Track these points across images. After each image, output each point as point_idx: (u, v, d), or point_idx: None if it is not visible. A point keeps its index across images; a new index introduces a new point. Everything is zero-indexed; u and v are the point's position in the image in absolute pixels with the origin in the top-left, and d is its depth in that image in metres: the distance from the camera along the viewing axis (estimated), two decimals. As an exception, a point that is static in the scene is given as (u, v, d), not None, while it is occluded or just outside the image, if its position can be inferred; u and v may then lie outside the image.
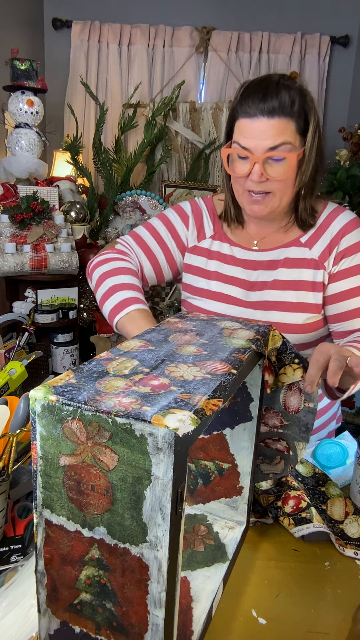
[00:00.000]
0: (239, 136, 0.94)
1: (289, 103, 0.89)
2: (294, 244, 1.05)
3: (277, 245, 1.06)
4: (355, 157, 2.62)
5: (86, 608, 0.52)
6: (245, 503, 0.84)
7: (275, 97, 0.89)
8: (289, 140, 0.91)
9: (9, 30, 2.75)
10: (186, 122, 3.17)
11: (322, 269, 1.02)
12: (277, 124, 0.89)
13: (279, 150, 0.91)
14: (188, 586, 0.70)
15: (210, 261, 1.11)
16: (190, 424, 0.43)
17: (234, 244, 1.10)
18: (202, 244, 1.13)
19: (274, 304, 1.04)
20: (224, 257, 1.10)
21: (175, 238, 1.14)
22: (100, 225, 2.93)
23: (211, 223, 1.13)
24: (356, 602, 0.72)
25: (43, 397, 0.47)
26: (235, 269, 1.09)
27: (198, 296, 1.12)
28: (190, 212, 1.15)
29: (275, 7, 3.13)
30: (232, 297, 1.08)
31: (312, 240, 1.03)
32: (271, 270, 1.05)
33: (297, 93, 0.91)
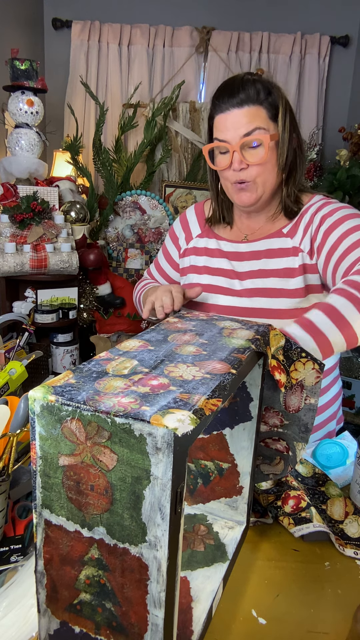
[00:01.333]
0: (216, 132, 1.01)
1: (254, 93, 0.97)
2: (277, 234, 1.10)
3: (263, 236, 1.12)
4: (355, 157, 2.62)
5: (86, 608, 0.52)
6: (245, 503, 0.84)
7: (242, 90, 0.97)
8: (262, 125, 0.98)
9: (9, 30, 2.75)
10: (186, 122, 3.17)
11: (300, 252, 1.06)
12: (247, 112, 0.97)
13: (254, 135, 0.97)
14: (188, 586, 0.70)
15: (199, 257, 1.18)
16: (189, 423, 0.43)
17: (221, 239, 1.17)
18: (190, 245, 1.21)
19: (259, 291, 1.09)
20: (211, 251, 1.16)
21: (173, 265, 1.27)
22: (100, 225, 2.93)
23: (197, 224, 1.21)
24: (356, 602, 0.72)
25: (42, 397, 0.47)
26: (222, 261, 1.14)
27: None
28: (179, 227, 1.25)
29: (275, 7, 3.13)
30: (221, 287, 1.13)
31: (292, 230, 1.09)
32: (256, 260, 1.11)
33: (262, 84, 0.99)
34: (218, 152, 1.02)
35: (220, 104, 0.99)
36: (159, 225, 3.03)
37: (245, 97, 0.96)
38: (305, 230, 1.06)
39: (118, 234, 3.04)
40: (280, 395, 0.82)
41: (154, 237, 3.04)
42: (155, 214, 3.02)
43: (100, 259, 2.61)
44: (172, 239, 1.26)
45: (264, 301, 1.08)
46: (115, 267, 3.04)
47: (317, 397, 0.81)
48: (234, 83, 0.99)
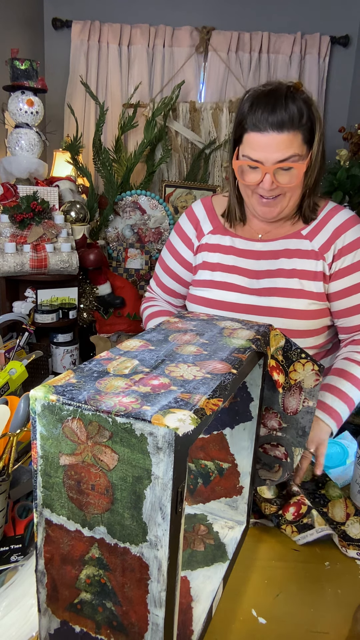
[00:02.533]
0: (249, 150, 0.97)
1: (297, 116, 0.93)
2: (295, 236, 1.09)
3: (280, 237, 1.11)
4: (355, 157, 2.62)
5: (86, 607, 0.52)
6: (245, 503, 0.84)
7: (285, 111, 0.92)
8: (297, 152, 0.95)
9: (9, 30, 2.75)
10: (186, 122, 3.17)
11: (322, 260, 1.06)
12: (286, 137, 0.93)
13: (288, 162, 0.95)
14: (188, 586, 0.70)
15: (212, 254, 1.15)
16: (190, 423, 0.43)
17: (236, 236, 1.14)
18: (203, 241, 1.17)
19: (277, 291, 1.07)
20: (225, 248, 1.14)
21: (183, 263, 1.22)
22: (100, 225, 2.93)
23: (209, 220, 1.18)
24: (356, 602, 0.72)
25: (43, 397, 0.47)
26: (236, 259, 1.12)
27: (202, 287, 1.15)
28: (189, 224, 1.21)
29: (275, 7, 3.13)
30: (236, 285, 1.11)
31: (312, 233, 1.08)
32: (274, 259, 1.10)
33: (304, 104, 0.95)
34: (248, 166, 0.99)
35: (257, 122, 0.94)
36: (159, 225, 3.03)
37: (287, 120, 0.92)
38: (330, 242, 1.06)
39: (118, 234, 3.04)
40: (279, 396, 0.82)
41: (154, 237, 3.04)
42: (155, 214, 3.02)
43: (100, 259, 2.61)
44: (182, 238, 1.21)
45: (280, 301, 1.06)
46: (115, 267, 3.04)
47: (315, 400, 0.81)
48: (276, 100, 0.93)
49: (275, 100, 0.93)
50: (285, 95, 0.94)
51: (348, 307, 1.06)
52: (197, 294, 1.16)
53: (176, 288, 1.26)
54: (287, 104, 0.93)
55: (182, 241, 1.21)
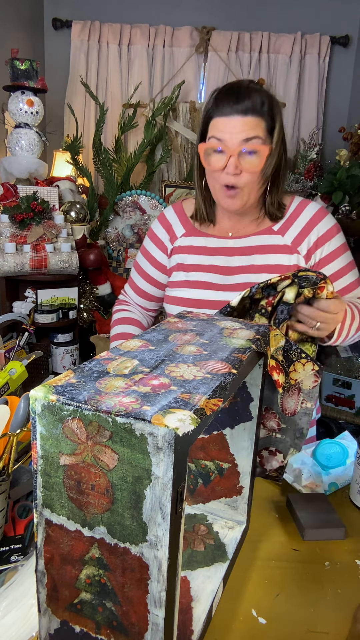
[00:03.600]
0: (215, 132, 1.02)
1: (259, 104, 0.99)
2: (267, 232, 1.14)
3: (251, 233, 1.15)
4: (355, 157, 2.62)
5: (86, 607, 0.52)
6: (245, 503, 0.84)
7: (248, 98, 0.99)
8: (260, 135, 1.00)
9: (9, 30, 2.75)
10: (186, 122, 3.17)
11: (297, 253, 1.11)
12: (249, 121, 0.99)
13: (252, 143, 1.00)
14: (188, 586, 0.70)
15: (186, 255, 1.19)
16: (190, 423, 0.43)
17: (208, 235, 1.18)
18: (176, 244, 1.21)
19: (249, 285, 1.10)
20: (199, 249, 1.18)
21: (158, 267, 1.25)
22: (100, 225, 2.93)
23: (180, 224, 1.22)
24: (356, 602, 0.72)
25: (43, 397, 0.47)
26: (210, 258, 1.16)
27: (177, 287, 1.19)
28: (161, 229, 1.24)
29: (275, 7, 3.13)
30: (210, 283, 1.14)
31: (284, 228, 1.13)
32: (247, 255, 1.13)
33: (266, 96, 1.01)
34: (212, 151, 1.03)
35: (223, 108, 1.00)
36: (158, 225, 3.03)
37: (250, 106, 0.98)
38: (303, 235, 1.11)
39: (118, 234, 3.04)
40: (278, 396, 0.82)
41: (153, 237, 3.04)
42: (155, 214, 3.02)
43: (100, 259, 2.61)
44: (155, 242, 1.25)
45: None
46: (115, 267, 3.04)
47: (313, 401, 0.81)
48: (240, 89, 1.00)
49: (239, 91, 1.00)
50: (247, 87, 1.01)
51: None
52: (173, 295, 1.19)
53: (151, 291, 1.28)
54: (250, 92, 0.99)
55: (155, 245, 1.24)
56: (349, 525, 0.87)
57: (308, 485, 0.98)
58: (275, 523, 0.89)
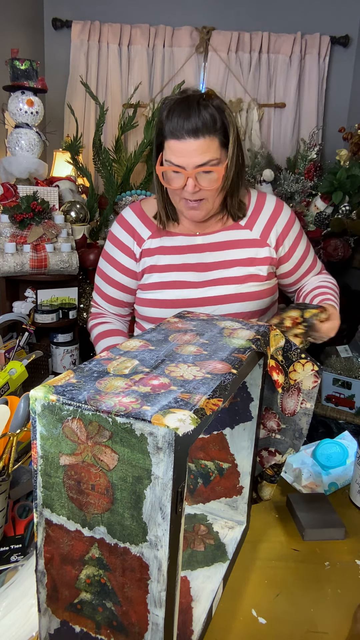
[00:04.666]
0: (170, 155, 1.02)
1: (211, 122, 0.98)
2: (235, 227, 1.17)
3: (219, 229, 1.17)
4: (355, 157, 2.62)
5: (86, 607, 0.52)
6: (245, 503, 0.84)
7: (198, 117, 0.97)
8: (215, 156, 1.01)
9: (9, 30, 2.75)
10: (186, 122, 3.16)
11: (267, 246, 1.16)
12: (202, 143, 0.98)
13: (207, 166, 1.01)
14: (188, 586, 0.70)
15: (158, 257, 1.18)
16: (190, 423, 0.43)
17: (175, 234, 1.18)
18: (144, 246, 1.19)
19: (228, 280, 1.14)
20: (168, 249, 1.17)
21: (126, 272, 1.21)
22: (100, 225, 2.93)
23: (144, 226, 1.20)
24: (356, 602, 0.72)
25: (43, 397, 0.47)
26: (183, 256, 1.16)
27: (152, 289, 1.17)
28: (124, 233, 1.21)
29: (275, 7, 3.13)
30: (186, 282, 1.15)
31: (250, 222, 1.17)
32: (219, 251, 1.15)
33: (216, 110, 1.00)
34: (170, 172, 1.04)
35: (174, 129, 0.98)
36: (159, 225, 3.03)
37: (202, 126, 0.97)
38: (269, 228, 1.16)
39: (118, 234, 3.03)
40: (278, 396, 0.82)
41: (153, 237, 3.04)
42: (155, 214, 3.01)
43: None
44: (120, 247, 1.20)
45: (230, 288, 1.14)
46: (115, 267, 3.03)
47: (313, 401, 0.81)
48: (190, 108, 0.98)
49: (189, 108, 0.98)
50: (198, 103, 0.99)
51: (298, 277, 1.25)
52: (147, 297, 1.17)
53: (122, 297, 1.25)
54: (199, 110, 0.98)
55: (120, 251, 1.20)
56: (349, 525, 0.88)
57: (308, 485, 0.98)
58: (275, 523, 0.89)
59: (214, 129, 0.99)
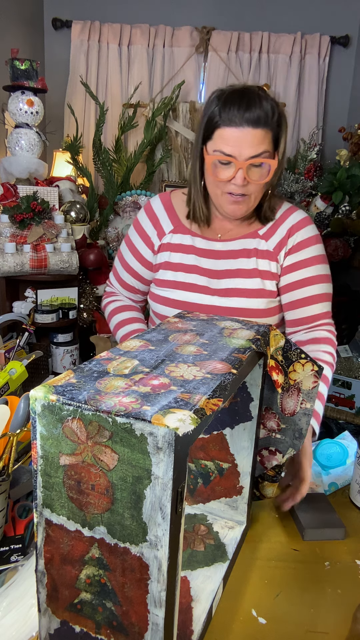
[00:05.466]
0: (221, 144, 0.99)
1: (270, 114, 0.97)
2: (252, 235, 1.14)
3: (238, 236, 1.14)
4: (355, 157, 2.62)
5: (86, 607, 0.52)
6: (245, 503, 0.84)
7: (259, 108, 0.96)
8: (268, 149, 0.99)
9: (9, 30, 2.75)
10: (186, 122, 3.17)
11: (276, 262, 1.12)
12: (259, 133, 0.97)
13: (260, 158, 0.98)
14: (188, 586, 0.70)
15: (173, 254, 1.17)
16: (190, 423, 0.43)
17: (196, 235, 1.16)
18: (164, 240, 1.18)
19: (237, 291, 1.11)
20: (186, 248, 1.16)
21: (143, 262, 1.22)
22: (100, 225, 2.93)
23: (169, 219, 1.19)
24: (356, 602, 0.72)
25: (43, 397, 0.47)
26: (198, 258, 1.15)
27: (165, 287, 1.17)
28: (148, 222, 1.20)
29: (275, 7, 3.13)
30: (197, 285, 1.13)
31: (268, 233, 1.13)
32: (233, 259, 1.13)
33: (273, 104, 0.98)
34: (219, 162, 1.01)
35: (233, 117, 0.96)
36: (159, 225, 3.03)
37: (262, 116, 0.95)
38: (283, 243, 1.11)
39: (118, 234, 3.04)
40: (277, 396, 0.82)
41: (153, 237, 3.04)
42: (155, 214, 3.01)
43: (100, 259, 2.61)
44: (142, 236, 1.21)
45: (240, 301, 1.11)
46: (115, 267, 3.03)
47: (313, 401, 0.81)
48: (251, 97, 0.96)
49: (249, 98, 0.96)
50: (258, 94, 0.97)
51: (296, 300, 1.12)
52: (160, 294, 1.18)
53: (136, 285, 1.26)
54: (260, 101, 0.96)
55: (142, 239, 1.21)
56: (349, 525, 0.88)
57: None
58: (275, 523, 0.89)
59: (271, 122, 0.97)
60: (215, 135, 0.99)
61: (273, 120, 0.97)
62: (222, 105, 0.97)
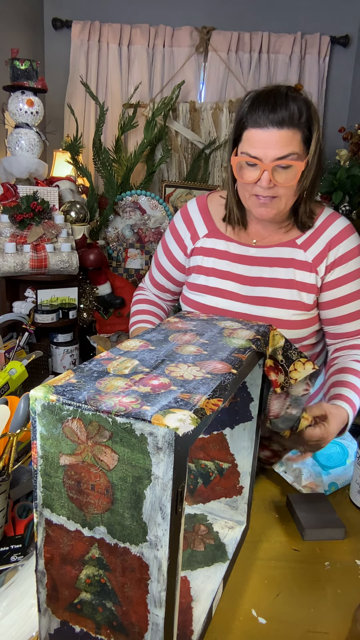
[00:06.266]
0: (248, 146, 0.97)
1: (297, 114, 0.94)
2: (290, 244, 1.09)
3: (274, 244, 1.11)
4: (355, 157, 2.62)
5: (86, 607, 0.52)
6: (245, 503, 0.84)
7: (285, 109, 0.93)
8: (296, 150, 0.96)
9: (9, 30, 2.75)
10: (186, 122, 3.17)
11: (315, 273, 1.07)
12: (285, 134, 0.94)
13: (287, 160, 0.95)
14: (188, 586, 0.70)
15: (206, 258, 1.15)
16: (190, 423, 0.43)
17: (231, 240, 1.14)
18: (197, 244, 1.17)
19: (271, 301, 1.08)
20: (219, 253, 1.14)
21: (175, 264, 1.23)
22: (100, 225, 2.93)
23: (203, 223, 1.17)
24: (356, 602, 0.72)
25: (43, 397, 0.47)
26: (231, 264, 1.13)
27: (196, 291, 1.16)
28: (183, 225, 1.20)
29: (275, 7, 3.13)
30: (229, 292, 1.11)
31: (307, 243, 1.08)
32: (268, 267, 1.10)
33: (304, 104, 0.96)
34: (245, 163, 0.99)
35: (258, 118, 0.95)
36: (159, 225, 3.03)
37: (287, 118, 0.93)
38: (324, 254, 1.07)
39: (118, 234, 3.04)
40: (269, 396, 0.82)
41: (154, 237, 3.04)
42: (155, 214, 3.02)
43: (100, 259, 2.61)
44: (176, 239, 1.21)
45: (273, 311, 1.07)
46: (115, 267, 3.04)
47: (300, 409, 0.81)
48: (277, 98, 0.94)
49: (275, 99, 0.94)
50: (286, 95, 0.95)
51: (338, 316, 1.09)
52: (192, 298, 1.17)
53: (166, 285, 1.28)
54: (287, 102, 0.94)
55: (175, 242, 1.21)
56: (349, 525, 0.88)
57: (308, 485, 0.98)
58: (275, 523, 0.89)
59: (299, 123, 0.94)
60: (243, 136, 0.99)
61: (301, 120, 0.94)
62: (250, 106, 0.96)
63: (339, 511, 0.91)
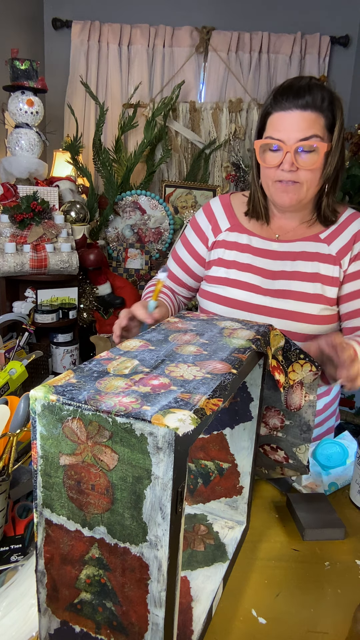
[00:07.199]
0: (271, 130, 1.00)
1: (319, 99, 0.96)
2: (313, 239, 1.09)
3: (298, 238, 1.11)
4: (355, 157, 2.62)
5: (86, 607, 0.52)
6: (245, 503, 0.84)
7: (308, 93, 0.96)
8: (319, 133, 0.97)
9: (9, 30, 2.75)
10: (186, 122, 3.17)
11: (338, 266, 1.07)
12: (308, 116, 0.96)
13: (310, 141, 0.97)
14: (188, 586, 0.70)
15: (228, 251, 1.15)
16: (190, 423, 0.43)
17: (253, 234, 1.14)
18: (219, 237, 1.17)
19: (293, 294, 1.07)
20: (242, 246, 1.14)
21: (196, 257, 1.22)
22: (100, 225, 2.93)
23: (226, 217, 1.18)
24: (356, 602, 0.72)
25: (43, 397, 0.47)
26: (253, 257, 1.12)
27: (217, 284, 1.15)
28: (205, 219, 1.20)
29: (275, 7, 3.13)
30: (249, 284, 1.11)
31: (331, 237, 1.08)
32: (291, 261, 1.09)
33: (326, 92, 0.98)
34: (268, 149, 1.01)
35: (282, 102, 0.97)
36: (159, 225, 3.04)
37: (311, 102, 0.95)
38: (348, 248, 1.07)
39: (118, 234, 3.04)
40: (281, 394, 0.82)
41: (154, 237, 3.04)
42: (155, 214, 3.02)
43: (100, 259, 2.61)
44: (197, 231, 1.21)
45: (295, 304, 1.07)
46: (115, 267, 3.04)
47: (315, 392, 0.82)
48: (300, 84, 0.97)
49: (299, 86, 0.97)
50: (310, 82, 0.98)
51: (356, 309, 1.07)
52: (210, 290, 1.15)
53: (185, 279, 1.26)
54: (310, 87, 0.96)
55: (196, 235, 1.21)
56: (349, 525, 0.88)
57: (308, 485, 0.98)
58: (275, 523, 0.89)
59: (322, 107, 0.97)
60: (268, 122, 1.01)
61: (324, 105, 0.97)
62: (274, 96, 0.99)
63: (339, 511, 0.91)
